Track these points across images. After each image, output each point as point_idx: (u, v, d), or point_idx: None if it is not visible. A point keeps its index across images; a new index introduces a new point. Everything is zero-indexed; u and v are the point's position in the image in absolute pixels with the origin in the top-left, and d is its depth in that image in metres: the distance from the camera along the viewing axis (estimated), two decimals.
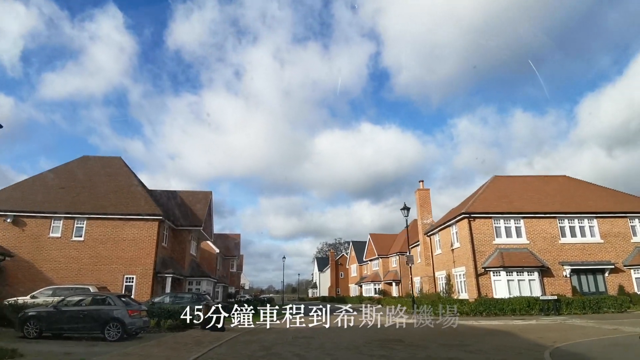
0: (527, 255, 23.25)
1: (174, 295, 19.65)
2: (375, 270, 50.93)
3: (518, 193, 26.52)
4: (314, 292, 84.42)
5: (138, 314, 13.24)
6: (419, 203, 32.22)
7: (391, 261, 48.37)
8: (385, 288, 47.98)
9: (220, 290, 40.59)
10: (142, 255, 21.99)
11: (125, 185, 24.78)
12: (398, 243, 49.09)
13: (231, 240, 47.52)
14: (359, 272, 61.53)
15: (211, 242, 38.51)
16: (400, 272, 45.58)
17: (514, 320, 17.40)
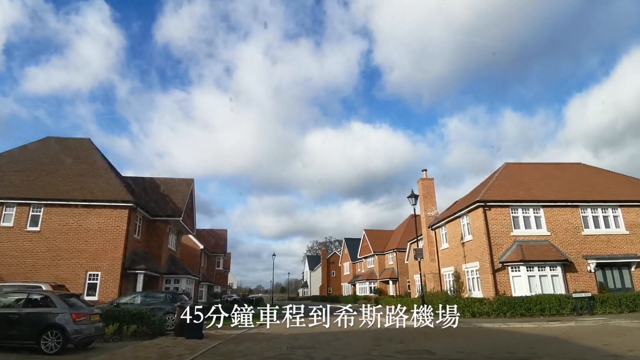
0: (549, 248, 20.71)
1: (144, 295, 16.56)
2: (371, 268, 48.24)
3: (534, 180, 24.00)
4: (304, 292, 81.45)
5: (86, 318, 10.19)
6: (423, 193, 29.52)
7: (387, 258, 45.73)
8: (382, 287, 45.32)
9: (205, 290, 37.41)
10: (108, 249, 18.83)
11: (93, 169, 21.55)
12: (395, 239, 46.48)
13: (217, 235, 44.32)
14: (352, 270, 58.80)
15: (194, 237, 35.30)
16: (397, 269, 42.96)
17: (549, 322, 14.74)
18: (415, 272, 34.24)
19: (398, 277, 42.59)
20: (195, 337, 12.75)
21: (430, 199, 29.80)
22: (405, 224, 47.42)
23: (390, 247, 45.10)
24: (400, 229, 47.75)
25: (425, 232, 29.45)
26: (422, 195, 30.01)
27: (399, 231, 47.34)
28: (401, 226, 48.57)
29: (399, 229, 48.21)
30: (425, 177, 30.39)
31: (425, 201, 29.80)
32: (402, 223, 49.18)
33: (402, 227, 48.01)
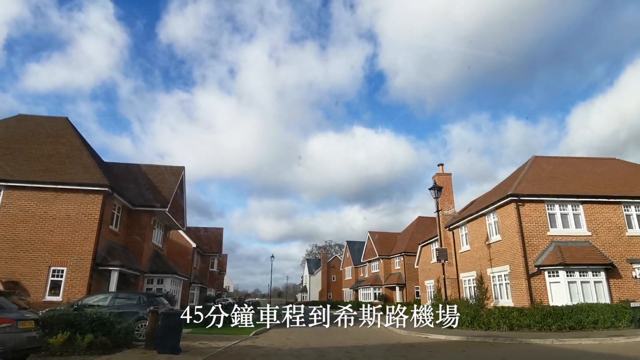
0: (591, 250, 17.87)
1: (115, 296, 13.67)
2: (375, 273, 45.26)
3: (568, 175, 21.19)
4: (303, 297, 78.27)
5: (11, 325, 7.35)
6: None
7: (394, 263, 42.76)
8: (387, 293, 42.31)
9: (197, 293, 34.44)
10: (77, 240, 15.97)
11: (66, 150, 18.74)
12: (402, 242, 43.55)
13: (212, 234, 41.38)
14: (355, 275, 55.79)
15: (185, 234, 32.44)
16: (404, 274, 39.99)
17: (611, 338, 11.84)
18: (428, 278, 31.33)
19: (405, 283, 39.63)
20: (170, 350, 9.90)
21: (447, 196, 26.93)
22: (413, 226, 44.55)
23: (397, 250, 42.17)
24: (408, 231, 44.85)
25: (442, 233, 26.54)
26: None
27: (406, 234, 44.44)
28: (408, 229, 45.67)
29: (406, 232, 45.31)
30: (441, 172, 27.58)
31: (442, 198, 26.91)
32: (410, 225, 46.29)
33: (409, 229, 45.11)
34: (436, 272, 29.80)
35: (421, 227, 44.27)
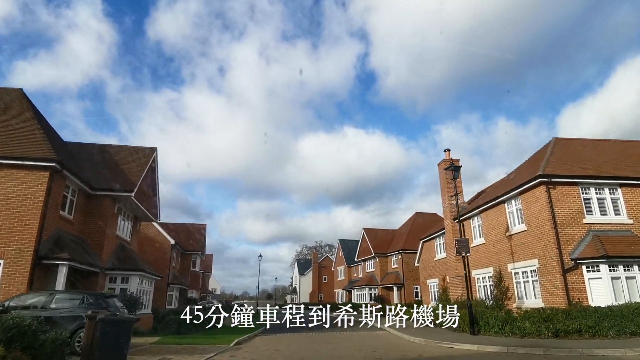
0: (635, 240, 15.28)
1: (50, 296, 10.53)
2: (371, 272, 42.42)
3: (598, 156, 18.62)
4: (292, 298, 75.12)
5: None
6: (446, 179, 23.96)
7: (391, 261, 39.98)
8: (383, 293, 39.50)
9: (176, 294, 31.16)
10: (17, 227, 12.78)
11: (16, 123, 15.47)
12: (399, 239, 40.83)
13: (193, 231, 38.05)
14: (348, 275, 52.90)
15: (161, 228, 29.21)
16: (402, 274, 37.22)
17: None
18: (431, 276, 28.60)
19: (404, 282, 36.85)
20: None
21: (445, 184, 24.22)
22: (410, 222, 41.88)
23: (394, 248, 39.39)
24: (405, 228, 42.16)
25: (450, 226, 23.83)
26: (445, 180, 24.48)
27: (404, 230, 41.73)
28: (406, 225, 43.00)
29: (404, 228, 42.61)
30: (448, 157, 24.87)
31: (449, 187, 24.20)
32: (407, 221, 43.63)
33: (407, 225, 42.43)
34: (441, 269, 27.10)
35: (419, 223, 41.68)
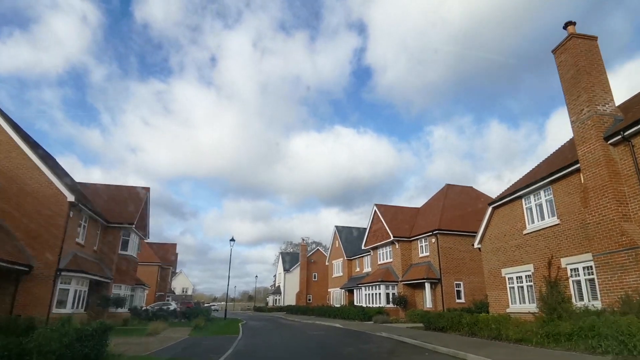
0: None
1: None
2: (386, 264, 30.36)
3: None
4: (276, 300, 62.48)
5: None
6: (576, 67, 12.26)
7: (418, 247, 28.04)
8: (406, 293, 27.52)
9: (81, 290, 18.58)
10: None
11: None
12: (428, 217, 29.00)
13: (125, 195, 25.28)
14: (348, 270, 40.80)
15: (48, 172, 16.86)
16: (439, 264, 25.34)
17: None
18: (514, 262, 16.75)
19: (441, 276, 24.95)
20: None
21: (595, 77, 12.40)
22: (442, 197, 30.10)
23: (424, 229, 27.49)
24: (435, 203, 30.33)
25: (593, 154, 11.84)
26: (574, 72, 12.67)
27: (433, 207, 29.89)
28: (435, 200, 31.18)
29: (433, 205, 30.79)
30: (573, 32, 13.07)
31: (586, 81, 12.33)
32: (437, 196, 31.84)
33: (436, 200, 30.62)
34: (540, 248, 15.28)
35: (454, 197, 30.01)
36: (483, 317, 14.10)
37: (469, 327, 14.37)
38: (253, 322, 28.65)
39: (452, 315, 16.02)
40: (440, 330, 16.61)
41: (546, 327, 10.79)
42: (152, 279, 42.55)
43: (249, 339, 15.67)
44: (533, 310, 14.76)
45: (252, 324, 27.02)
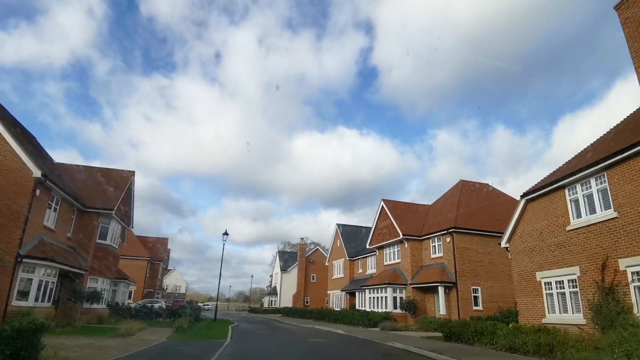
0: None
1: None
2: (393, 265, 27.79)
3: None
4: (271, 301, 59.77)
5: None
6: None
7: (430, 247, 25.50)
8: (416, 297, 24.95)
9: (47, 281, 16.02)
10: None
11: None
12: (441, 215, 26.48)
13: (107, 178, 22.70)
14: (350, 271, 38.22)
15: (12, 140, 14.37)
16: (455, 266, 22.78)
17: None
18: (552, 265, 14.19)
19: (457, 280, 22.39)
20: None
21: None
22: (457, 192, 27.58)
23: (438, 227, 24.96)
24: (449, 200, 27.81)
25: None
26: None
27: (447, 204, 27.38)
28: (449, 197, 28.65)
29: (446, 201, 28.27)
30: None
31: None
32: (450, 192, 29.34)
33: (450, 197, 28.10)
34: (589, 248, 12.76)
35: (470, 194, 27.52)
36: (528, 327, 11.56)
37: (507, 339, 11.80)
38: (245, 325, 26.06)
39: (483, 325, 13.47)
40: (466, 342, 14.06)
41: (625, 345, 8.26)
42: (140, 275, 39.95)
43: (238, 345, 13.10)
44: (579, 322, 12.25)
45: (244, 326, 24.44)
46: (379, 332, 20.35)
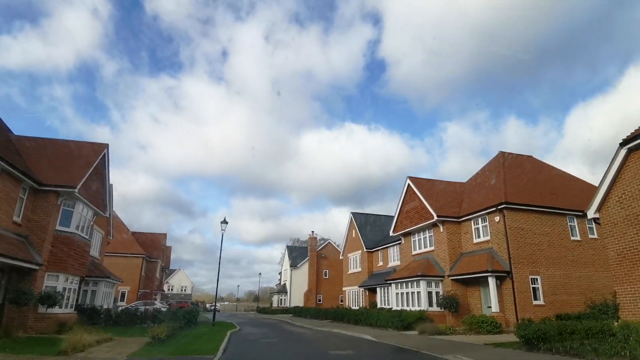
0: None
1: None
2: (425, 254, 23.18)
3: None
4: (281, 300, 55.32)
5: None
6: None
7: (471, 230, 20.89)
8: (457, 292, 20.33)
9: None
10: None
11: None
12: (480, 192, 21.87)
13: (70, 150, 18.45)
14: (368, 264, 33.69)
15: None
16: (508, 250, 18.15)
17: None
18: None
19: (511, 269, 17.75)
20: None
21: None
22: (499, 164, 22.93)
23: (483, 204, 20.31)
24: (489, 174, 23.17)
25: None
26: None
27: (488, 179, 22.75)
28: (490, 170, 24.01)
29: (484, 176, 23.65)
30: None
31: None
32: (490, 164, 24.70)
33: (492, 170, 23.45)
34: None
35: (514, 166, 23.02)
36: None
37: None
38: (249, 329, 21.73)
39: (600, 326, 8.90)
40: (566, 352, 9.49)
41: None
42: (134, 274, 35.83)
43: None
44: None
45: (247, 331, 20.10)
46: (419, 336, 15.83)
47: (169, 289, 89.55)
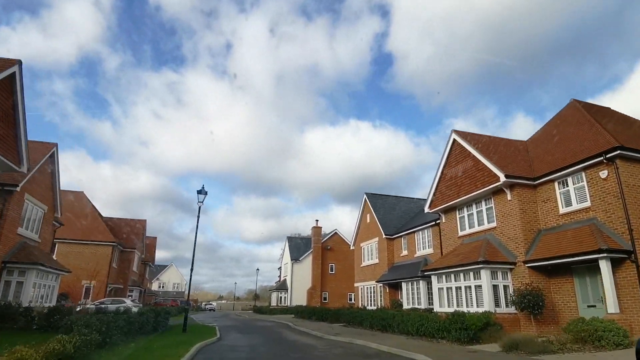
0: None
1: None
2: (480, 234, 16.73)
3: None
4: (280, 298, 48.73)
5: None
6: None
7: (556, 195, 14.44)
8: (541, 284, 13.80)
9: None
10: None
11: None
12: (560, 144, 15.38)
13: None
14: (388, 253, 27.30)
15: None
16: (628, 220, 11.66)
17: None
18: None
19: (634, 248, 11.27)
20: None
21: None
22: (577, 112, 16.47)
23: (575, 157, 13.86)
24: (567, 122, 16.74)
25: None
26: None
27: (567, 128, 16.35)
28: (564, 118, 17.50)
29: (559, 126, 17.15)
30: None
31: None
32: (560, 115, 18.07)
33: (570, 117, 16.98)
34: None
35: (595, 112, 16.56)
36: None
37: None
38: (234, 338, 15.41)
39: None
40: None
41: None
42: (101, 265, 29.46)
43: None
44: None
45: (229, 342, 13.78)
46: (507, 356, 9.46)
47: (160, 287, 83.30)
